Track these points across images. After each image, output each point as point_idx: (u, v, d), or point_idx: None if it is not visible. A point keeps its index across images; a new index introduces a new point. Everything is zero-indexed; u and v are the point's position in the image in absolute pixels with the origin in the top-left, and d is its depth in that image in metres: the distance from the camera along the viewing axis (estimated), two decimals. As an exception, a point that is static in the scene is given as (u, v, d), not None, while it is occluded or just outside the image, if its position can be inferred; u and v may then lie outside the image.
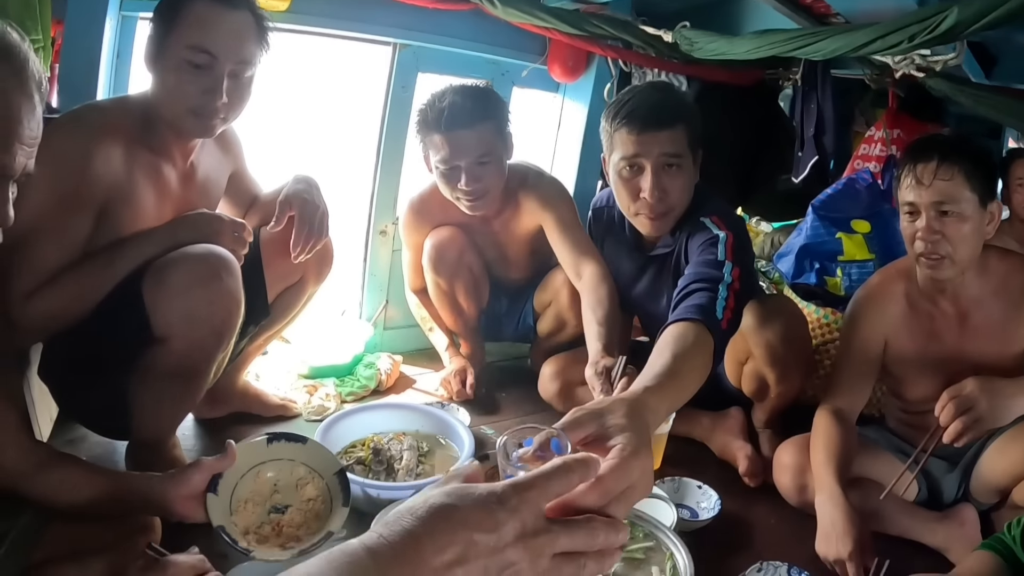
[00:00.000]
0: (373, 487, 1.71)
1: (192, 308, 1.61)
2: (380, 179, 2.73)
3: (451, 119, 2.12)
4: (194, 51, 1.61)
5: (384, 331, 2.79)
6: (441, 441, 1.98)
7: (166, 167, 1.76)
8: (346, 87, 3.01)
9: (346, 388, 2.41)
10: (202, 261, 1.63)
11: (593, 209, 2.34)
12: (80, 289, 1.60)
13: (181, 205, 1.81)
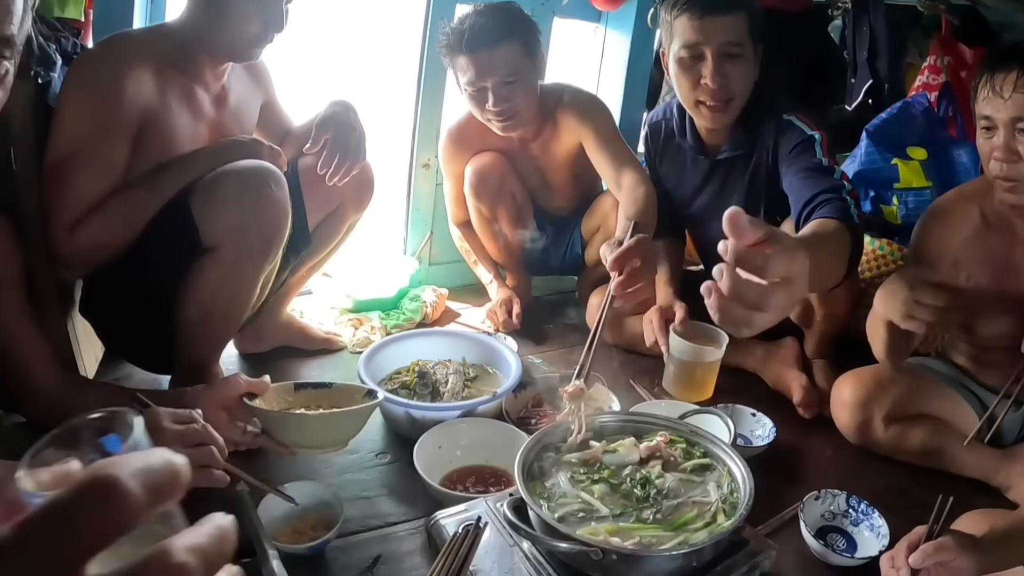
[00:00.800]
0: (417, 408, 1.72)
1: (242, 215, 1.64)
2: (421, 112, 2.68)
3: (473, 39, 2.09)
4: None
5: (429, 266, 2.78)
6: (489, 370, 1.97)
7: (199, 90, 1.79)
8: (385, 19, 2.98)
9: (391, 321, 2.41)
10: (251, 172, 1.66)
11: (649, 125, 2.27)
12: (125, 214, 1.62)
13: (215, 127, 1.85)
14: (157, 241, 1.63)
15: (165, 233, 1.63)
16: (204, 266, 1.65)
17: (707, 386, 1.98)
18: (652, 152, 2.25)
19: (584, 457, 1.27)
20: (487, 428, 1.64)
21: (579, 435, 1.34)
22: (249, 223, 1.63)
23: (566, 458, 1.28)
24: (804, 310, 2.02)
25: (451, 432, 1.63)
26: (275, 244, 1.70)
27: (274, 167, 1.69)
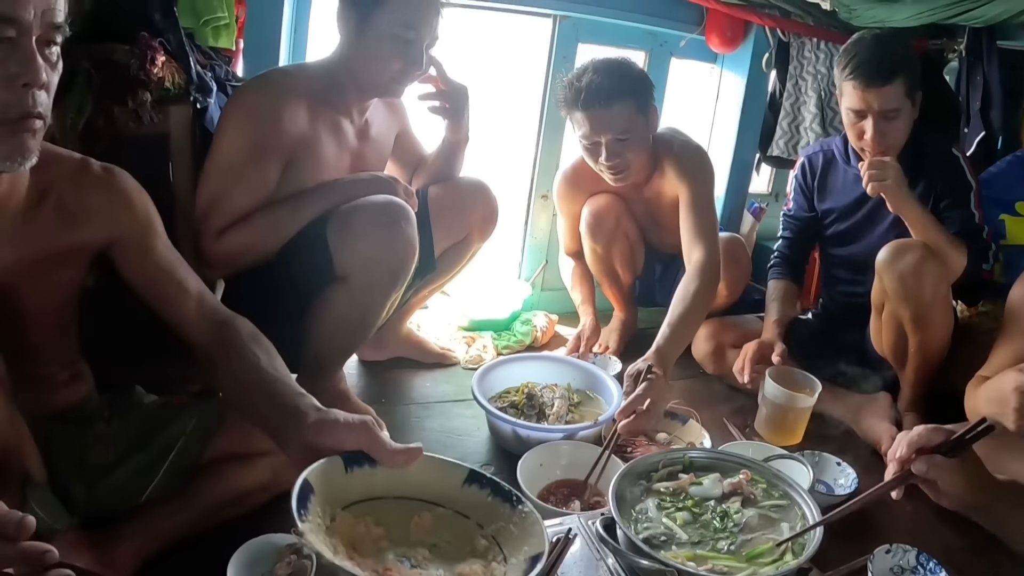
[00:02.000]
0: (523, 427, 1.89)
1: (373, 250, 1.82)
2: (542, 146, 2.89)
3: (589, 98, 2.21)
4: (405, 28, 1.86)
5: (541, 291, 2.95)
6: (590, 395, 2.12)
7: (345, 123, 2.00)
8: (510, 58, 3.17)
9: (502, 341, 2.61)
10: (384, 209, 1.84)
11: (807, 157, 2.41)
12: (267, 229, 1.84)
13: (357, 156, 2.05)
14: (296, 262, 1.84)
15: (303, 257, 1.84)
16: (336, 291, 1.87)
17: (797, 431, 2.08)
18: (809, 178, 2.39)
19: (672, 487, 1.42)
20: (585, 451, 1.78)
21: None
22: (379, 257, 1.83)
23: (655, 486, 1.43)
24: (897, 336, 2.10)
25: (553, 452, 1.79)
26: (402, 276, 1.90)
27: (405, 204, 1.87)
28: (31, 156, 1.21)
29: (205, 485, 1.58)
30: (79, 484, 1.49)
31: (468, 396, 2.15)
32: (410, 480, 1.07)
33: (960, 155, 2.18)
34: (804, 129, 3.01)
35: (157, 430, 1.59)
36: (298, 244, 1.85)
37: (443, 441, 2.05)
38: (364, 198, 1.87)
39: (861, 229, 2.29)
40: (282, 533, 1.42)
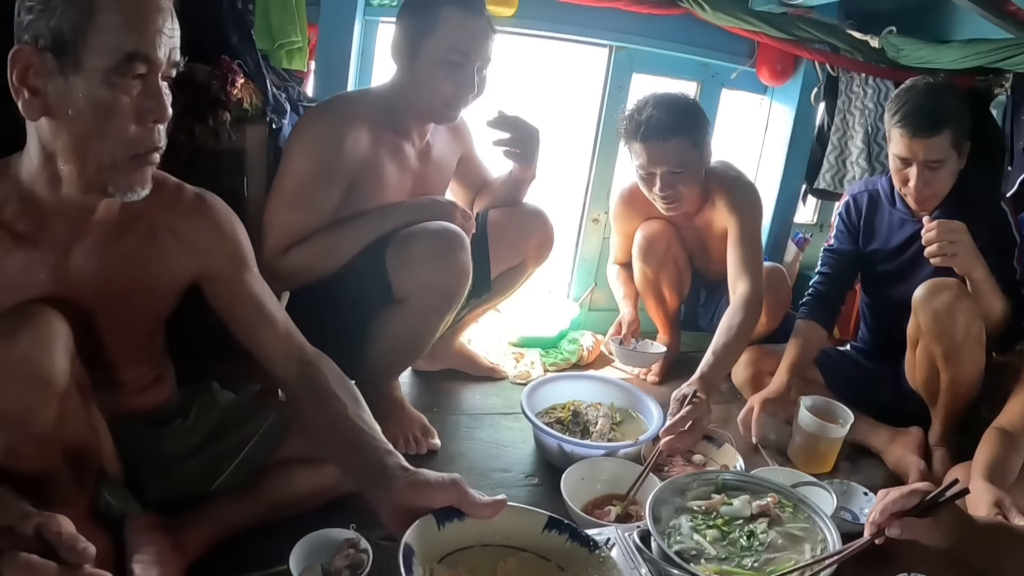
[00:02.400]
0: (568, 442, 1.98)
1: (428, 276, 1.91)
2: (595, 172, 3.00)
3: (648, 131, 2.31)
4: (453, 52, 1.94)
5: (589, 311, 3.05)
6: (632, 414, 2.22)
7: (406, 146, 2.09)
8: (566, 86, 3.28)
9: (550, 359, 2.72)
10: (440, 236, 1.93)
11: (852, 196, 2.44)
12: (328, 250, 1.95)
13: (419, 179, 2.15)
14: (356, 282, 1.95)
15: (364, 278, 1.95)
16: (393, 312, 1.97)
17: (828, 460, 2.14)
18: (854, 217, 2.43)
19: (704, 505, 1.55)
20: (625, 468, 1.88)
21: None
22: (434, 283, 1.92)
23: (689, 504, 1.55)
24: (929, 371, 2.14)
25: (595, 468, 1.88)
26: (456, 300, 1.99)
27: (461, 232, 1.96)
28: (148, 187, 1.30)
29: (272, 483, 1.69)
30: (153, 476, 1.59)
31: (516, 410, 2.25)
32: (495, 528, 1.13)
33: (1007, 209, 2.20)
34: (850, 163, 3.05)
35: (231, 427, 1.70)
36: (359, 266, 1.96)
37: (490, 452, 2.16)
38: (421, 225, 1.95)
39: (905, 271, 2.30)
40: (340, 528, 1.56)
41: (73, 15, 1.15)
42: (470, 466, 2.08)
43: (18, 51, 1.17)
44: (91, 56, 1.16)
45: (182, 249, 1.49)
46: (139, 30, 1.18)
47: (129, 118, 1.21)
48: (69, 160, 1.24)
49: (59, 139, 1.23)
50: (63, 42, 1.15)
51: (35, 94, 1.19)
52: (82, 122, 1.20)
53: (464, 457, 2.14)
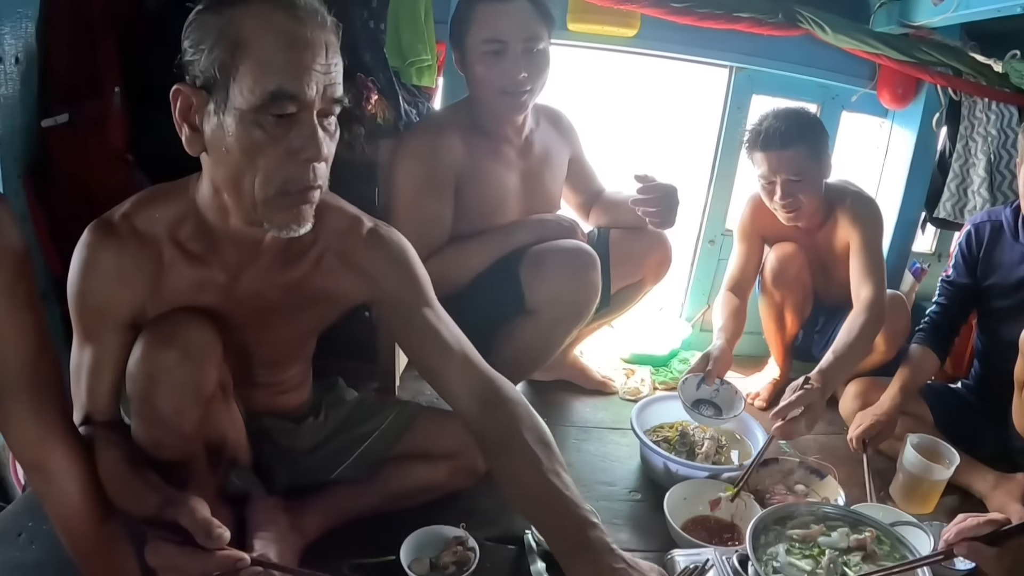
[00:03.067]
0: (674, 462, 2.05)
1: (561, 291, 2.05)
2: (713, 193, 3.05)
3: (767, 140, 2.37)
4: (489, 42, 2.02)
5: (700, 331, 3.10)
6: (738, 437, 2.26)
7: (504, 146, 2.20)
8: (685, 106, 3.36)
9: (660, 377, 2.81)
10: (575, 254, 2.06)
11: (973, 226, 2.41)
12: (459, 261, 2.09)
13: (525, 174, 2.25)
14: (489, 292, 2.08)
15: (497, 289, 2.08)
16: (523, 322, 2.10)
17: (930, 501, 2.11)
18: (974, 248, 2.39)
19: (803, 535, 1.63)
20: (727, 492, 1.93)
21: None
22: (566, 299, 2.06)
23: (789, 532, 1.63)
24: None
25: (699, 488, 1.95)
26: (585, 316, 2.13)
27: (592, 251, 2.08)
28: (307, 224, 1.30)
29: (389, 476, 1.82)
30: (282, 466, 1.74)
31: (623, 425, 2.36)
32: None
33: None
34: (972, 192, 2.97)
35: (355, 423, 1.84)
36: (493, 276, 2.10)
37: (598, 465, 2.25)
38: (556, 242, 2.09)
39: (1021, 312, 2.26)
40: (450, 526, 1.70)
41: (221, 53, 1.18)
42: (577, 477, 2.04)
43: (176, 89, 1.23)
44: (238, 94, 1.18)
45: (354, 279, 1.52)
46: (285, 68, 1.18)
47: (279, 157, 1.22)
48: (229, 195, 1.29)
49: (218, 173, 1.28)
50: (214, 80, 1.19)
51: (194, 130, 1.25)
52: (233, 160, 1.23)
53: (572, 468, 2.10)
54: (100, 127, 2.42)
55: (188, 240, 1.39)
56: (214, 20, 1.20)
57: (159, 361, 1.34)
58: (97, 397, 1.41)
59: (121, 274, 1.35)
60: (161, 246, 1.37)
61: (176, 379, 1.35)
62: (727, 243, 2.99)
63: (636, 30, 2.67)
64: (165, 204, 1.39)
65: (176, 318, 1.38)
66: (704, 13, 2.59)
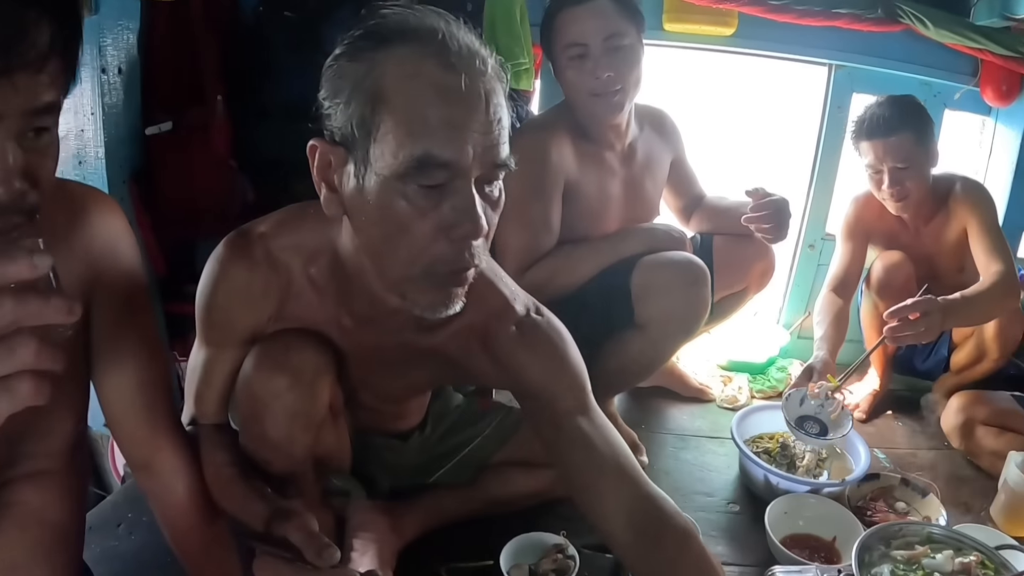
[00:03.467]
0: (775, 474, 2.05)
1: (672, 306, 2.06)
2: (813, 196, 3.02)
3: (873, 127, 2.37)
4: (573, 47, 2.04)
5: (798, 339, 3.06)
6: (838, 452, 2.22)
7: (606, 152, 2.20)
8: (783, 106, 3.31)
9: (757, 384, 2.80)
10: (687, 268, 2.06)
11: None
12: (567, 267, 2.12)
13: (627, 181, 2.26)
14: (598, 302, 2.09)
15: (606, 300, 2.10)
16: (632, 335, 2.12)
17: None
18: None
19: (908, 556, 1.63)
20: (828, 508, 1.93)
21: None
22: (676, 313, 2.07)
23: (893, 553, 1.64)
24: None
25: (799, 503, 1.94)
26: (694, 331, 2.14)
27: (704, 266, 2.07)
28: (456, 307, 1.15)
29: (490, 481, 1.85)
30: (384, 473, 1.79)
31: (721, 434, 2.39)
32: None
33: None
34: None
35: (458, 428, 1.88)
36: (602, 286, 2.12)
37: (695, 475, 2.27)
38: (667, 254, 2.10)
39: None
40: (550, 533, 1.75)
41: (360, 108, 1.04)
42: (675, 487, 2.19)
43: (313, 146, 1.12)
44: (379, 157, 1.04)
45: (492, 366, 1.37)
46: (434, 130, 1.02)
47: (428, 233, 1.06)
48: (370, 263, 1.17)
49: (359, 238, 1.16)
50: (353, 139, 1.06)
51: (332, 191, 1.13)
52: (376, 230, 1.10)
53: (670, 477, 2.26)
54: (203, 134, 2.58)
55: (320, 276, 1.32)
56: (352, 68, 1.06)
57: (270, 385, 1.34)
58: (206, 401, 1.45)
59: (249, 295, 1.33)
60: (292, 274, 1.32)
61: (286, 405, 1.35)
62: (827, 248, 2.95)
63: (734, 29, 2.67)
64: (304, 233, 1.31)
65: (289, 341, 1.35)
66: (802, 10, 2.59)
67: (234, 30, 2.68)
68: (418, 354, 1.39)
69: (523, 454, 1.86)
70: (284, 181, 2.71)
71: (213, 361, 1.42)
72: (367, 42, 1.06)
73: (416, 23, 1.06)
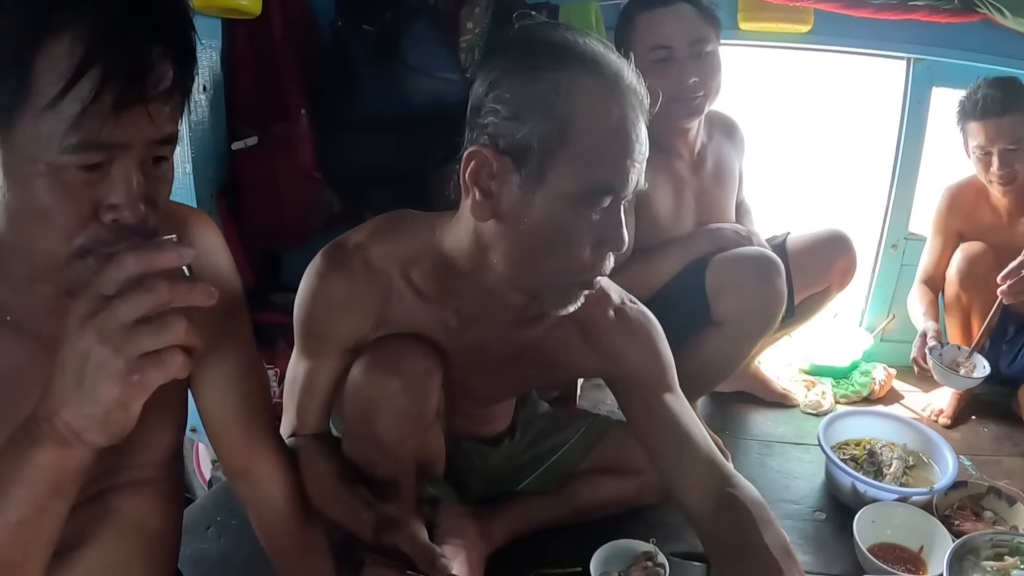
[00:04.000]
0: (863, 482, 2.03)
1: (748, 301, 2.07)
2: (895, 195, 2.98)
3: (984, 108, 2.37)
4: (655, 50, 2.06)
5: (881, 342, 3.04)
6: (924, 459, 2.21)
7: (675, 161, 2.23)
8: (861, 102, 3.29)
9: (841, 390, 2.78)
10: (761, 263, 2.09)
11: None
12: (643, 275, 2.15)
13: (698, 190, 2.29)
14: (674, 303, 2.11)
15: (682, 300, 2.13)
16: (710, 333, 2.14)
17: None
18: None
19: (997, 567, 1.64)
20: (915, 516, 1.92)
21: None
22: (753, 309, 2.09)
23: (983, 563, 1.66)
24: None
25: (887, 511, 1.94)
26: (771, 326, 2.15)
27: (776, 258, 2.10)
28: (579, 304, 1.29)
29: (578, 488, 1.88)
30: (476, 479, 1.86)
31: (806, 440, 2.39)
32: None
33: None
34: None
35: (546, 435, 1.93)
36: (676, 289, 2.16)
37: (780, 482, 2.27)
38: (741, 250, 2.13)
39: None
40: (640, 540, 1.78)
41: (545, 132, 1.14)
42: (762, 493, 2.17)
43: (476, 151, 1.19)
44: (558, 178, 1.15)
45: (591, 354, 1.49)
46: (614, 164, 1.17)
47: (587, 247, 1.20)
48: (507, 265, 1.26)
49: (503, 242, 1.24)
50: (527, 155, 1.15)
51: (486, 196, 1.20)
52: (535, 238, 1.20)
53: (755, 483, 2.12)
54: (288, 147, 2.70)
55: (422, 280, 1.40)
56: (538, 89, 1.15)
57: (384, 388, 1.39)
58: (308, 412, 1.51)
59: (349, 305, 1.40)
60: (392, 280, 1.40)
61: (399, 407, 1.41)
62: (911, 248, 2.93)
63: (810, 26, 2.66)
64: (402, 240, 1.41)
65: (401, 344, 1.42)
66: (879, 4, 2.57)
67: (313, 45, 2.79)
68: (518, 351, 1.49)
69: (610, 461, 1.90)
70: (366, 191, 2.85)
71: (315, 372, 1.48)
72: (546, 60, 1.16)
73: (586, 49, 1.18)
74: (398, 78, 2.58)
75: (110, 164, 0.86)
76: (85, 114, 0.81)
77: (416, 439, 1.49)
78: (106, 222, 0.88)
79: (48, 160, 0.83)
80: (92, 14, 0.81)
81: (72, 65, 0.80)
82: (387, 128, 2.65)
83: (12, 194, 0.88)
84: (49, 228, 0.87)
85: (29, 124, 0.83)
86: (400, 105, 2.61)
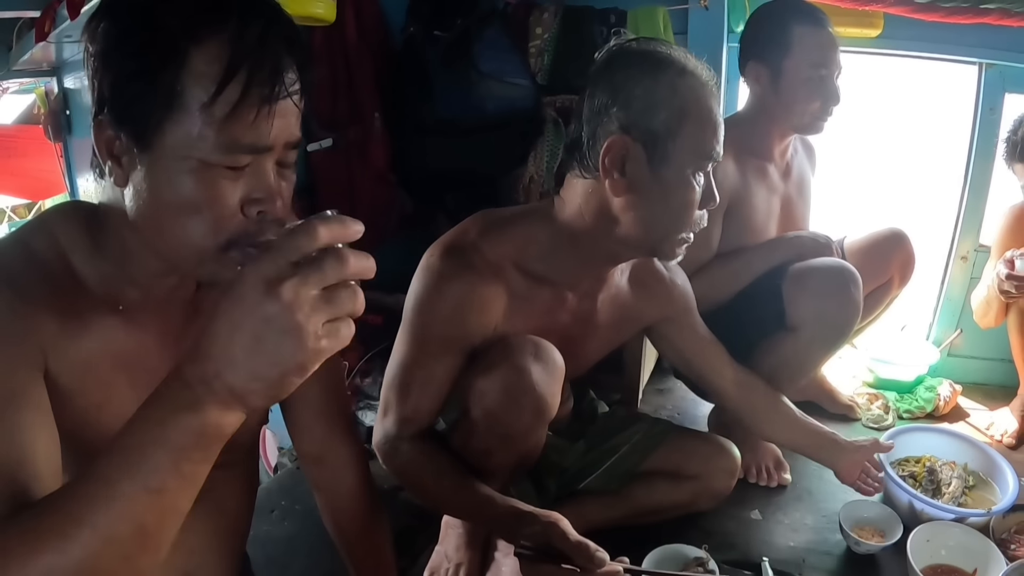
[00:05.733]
0: (921, 500, 2.08)
1: (824, 309, 2.14)
2: (966, 204, 2.99)
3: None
4: (816, 67, 2.15)
5: (948, 357, 3.04)
6: (984, 478, 2.24)
7: (770, 168, 2.32)
8: (932, 108, 3.31)
9: (904, 404, 2.81)
10: (838, 273, 2.15)
11: None
12: (726, 279, 2.27)
13: (785, 199, 2.37)
14: (751, 308, 2.23)
15: (759, 305, 2.23)
16: (784, 339, 2.21)
17: None
18: None
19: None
20: (971, 538, 1.93)
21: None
22: (829, 316, 2.16)
23: (1038, 586, 1.75)
24: None
25: (942, 531, 1.97)
26: (846, 335, 2.22)
27: (854, 269, 2.17)
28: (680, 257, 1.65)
29: (635, 490, 2.00)
30: (551, 479, 1.98)
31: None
32: None
33: None
34: None
35: (607, 436, 2.04)
36: (755, 292, 2.25)
37: (839, 496, 2.27)
38: (818, 259, 2.22)
39: None
40: (692, 546, 1.87)
41: (670, 119, 1.47)
42: (818, 507, 2.27)
43: (616, 139, 1.49)
44: (679, 154, 1.49)
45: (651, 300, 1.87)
46: (713, 138, 1.52)
47: (695, 204, 1.54)
48: (635, 229, 1.56)
49: (633, 211, 1.53)
50: (656, 139, 1.48)
51: (622, 175, 1.50)
52: (661, 205, 1.53)
53: (812, 497, 2.34)
54: (363, 150, 2.86)
55: (535, 263, 1.63)
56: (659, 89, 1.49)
57: (520, 382, 1.54)
58: (423, 409, 1.63)
59: (476, 305, 1.56)
60: (508, 273, 1.59)
61: (535, 399, 1.55)
62: (981, 259, 2.93)
63: (879, 30, 2.73)
64: (509, 232, 1.63)
65: (527, 346, 1.57)
66: (950, 8, 2.58)
67: (386, 51, 2.93)
68: (613, 314, 1.80)
69: (668, 465, 2.03)
70: (439, 193, 2.99)
71: (436, 370, 1.61)
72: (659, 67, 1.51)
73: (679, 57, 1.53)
74: (469, 83, 2.75)
75: (254, 163, 0.98)
76: (233, 115, 0.92)
77: (543, 431, 1.64)
78: (251, 216, 0.99)
79: (200, 158, 0.93)
80: (234, 24, 0.92)
81: (220, 71, 0.91)
82: (459, 132, 2.81)
83: (154, 194, 0.96)
84: (198, 223, 0.96)
85: (179, 126, 0.93)
86: (472, 109, 2.77)
